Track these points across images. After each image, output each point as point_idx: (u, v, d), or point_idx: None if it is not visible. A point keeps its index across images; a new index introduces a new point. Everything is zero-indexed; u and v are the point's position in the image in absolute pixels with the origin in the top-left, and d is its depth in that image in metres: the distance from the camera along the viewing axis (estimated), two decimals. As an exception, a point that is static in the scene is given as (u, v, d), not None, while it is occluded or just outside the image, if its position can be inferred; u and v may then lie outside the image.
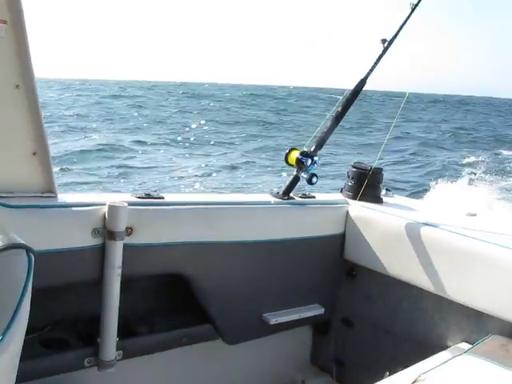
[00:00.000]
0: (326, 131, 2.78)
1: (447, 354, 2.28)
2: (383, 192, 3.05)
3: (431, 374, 1.97)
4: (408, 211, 2.85)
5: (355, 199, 2.92)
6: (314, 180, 2.67)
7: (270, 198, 2.72)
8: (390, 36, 2.78)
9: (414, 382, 1.90)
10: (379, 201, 2.96)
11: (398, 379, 1.98)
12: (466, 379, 1.98)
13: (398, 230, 2.66)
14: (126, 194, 2.37)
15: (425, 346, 2.59)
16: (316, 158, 2.71)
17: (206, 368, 2.69)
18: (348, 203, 2.91)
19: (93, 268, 2.17)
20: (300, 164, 2.70)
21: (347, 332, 2.96)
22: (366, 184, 2.89)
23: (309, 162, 2.68)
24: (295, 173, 2.75)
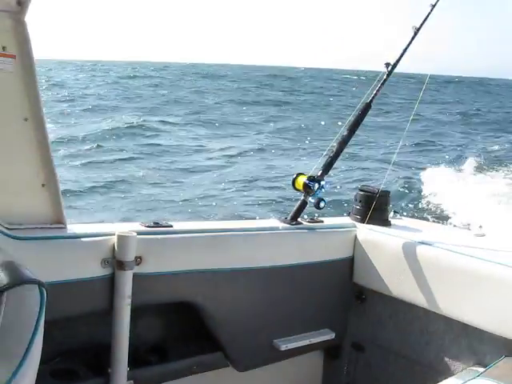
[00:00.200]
0: (332, 156, 2.79)
1: (460, 377, 2.27)
2: (391, 214, 3.04)
3: None
4: (416, 233, 2.84)
5: (363, 222, 2.92)
6: (322, 204, 2.67)
7: (278, 224, 2.72)
8: (394, 60, 2.81)
9: None
10: (387, 224, 2.95)
11: None
12: None
13: (406, 253, 2.65)
14: (135, 223, 2.38)
15: (437, 369, 2.59)
16: (323, 182, 2.71)
17: None
18: (356, 227, 2.91)
19: (103, 298, 2.17)
20: (307, 189, 2.70)
21: (358, 356, 2.94)
22: (373, 207, 2.89)
23: (316, 187, 2.68)
24: (303, 197, 2.75)
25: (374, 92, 2.81)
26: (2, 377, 1.18)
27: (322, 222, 2.88)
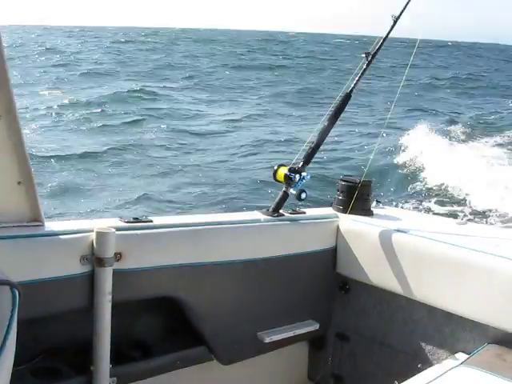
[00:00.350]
0: (313, 147, 2.77)
1: (443, 365, 2.28)
2: (373, 204, 3.03)
3: None
4: (398, 222, 2.84)
5: (345, 213, 2.91)
6: (303, 196, 2.66)
7: (260, 216, 2.71)
8: (374, 49, 2.78)
9: None
10: (369, 213, 2.95)
11: None
12: None
13: (388, 242, 2.66)
14: (114, 218, 2.36)
15: (421, 357, 2.60)
16: (304, 173, 2.70)
17: None
18: (338, 217, 2.91)
19: (82, 295, 2.16)
20: (288, 180, 2.69)
21: (343, 346, 2.95)
22: (355, 197, 2.88)
23: (297, 178, 2.68)
24: (284, 189, 2.73)
25: (354, 82, 2.79)
26: None
27: (304, 213, 2.87)
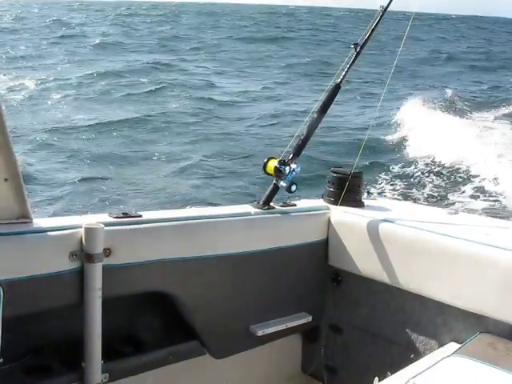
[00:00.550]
0: (302, 139, 2.76)
1: (436, 355, 2.28)
2: (365, 195, 3.02)
3: (420, 377, 1.97)
4: (389, 213, 2.84)
5: (336, 204, 2.91)
6: (293, 188, 2.66)
7: (250, 209, 2.70)
8: (362, 40, 2.76)
9: None
10: (361, 205, 2.95)
11: None
12: (456, 380, 1.98)
13: (380, 233, 2.65)
14: (103, 214, 2.35)
15: (414, 347, 2.61)
16: (294, 165, 2.69)
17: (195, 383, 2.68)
18: (329, 209, 2.90)
19: (72, 292, 2.15)
20: (279, 173, 2.68)
21: (336, 338, 2.95)
22: (346, 189, 2.88)
23: (287, 171, 2.67)
24: (274, 181, 2.73)
25: (344, 73, 2.77)
26: None
27: (295, 205, 2.86)
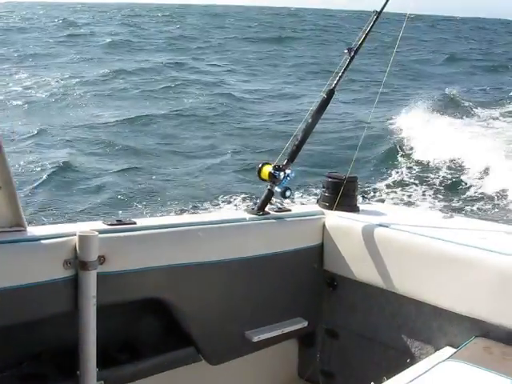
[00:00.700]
0: (297, 144, 2.76)
1: (432, 360, 2.28)
2: (360, 200, 3.02)
3: (416, 383, 1.97)
4: (384, 218, 2.84)
5: (331, 209, 2.91)
6: (288, 193, 2.66)
7: (245, 215, 2.70)
8: (356, 45, 2.76)
9: None
10: (355, 209, 2.94)
11: None
12: None
13: (374, 238, 2.66)
14: (97, 222, 2.35)
15: (410, 352, 2.61)
16: (289, 171, 2.69)
17: None
18: (324, 214, 2.90)
19: (67, 300, 2.15)
20: (273, 178, 2.69)
21: (332, 343, 2.95)
22: (341, 193, 2.88)
23: (282, 176, 2.67)
24: (269, 187, 2.73)
25: (338, 78, 2.77)
26: None
27: (290, 210, 2.86)
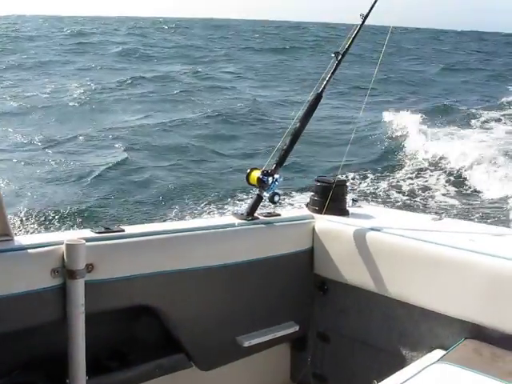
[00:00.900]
0: (285, 148, 2.77)
1: (422, 362, 2.28)
2: (350, 203, 3.02)
3: None
4: (374, 221, 2.84)
5: (321, 213, 2.91)
6: (276, 198, 2.67)
7: (234, 220, 2.70)
8: (343, 49, 2.76)
9: None
10: (345, 213, 2.94)
11: None
12: None
13: (364, 241, 2.66)
14: (85, 230, 2.35)
15: (400, 355, 2.61)
16: (277, 176, 2.70)
17: None
18: (314, 218, 2.90)
19: (55, 308, 2.15)
20: (262, 183, 2.69)
21: (324, 346, 2.95)
22: (330, 197, 2.88)
23: (270, 181, 2.68)
24: (257, 192, 2.74)
25: (325, 82, 2.78)
26: None
27: (279, 215, 2.86)
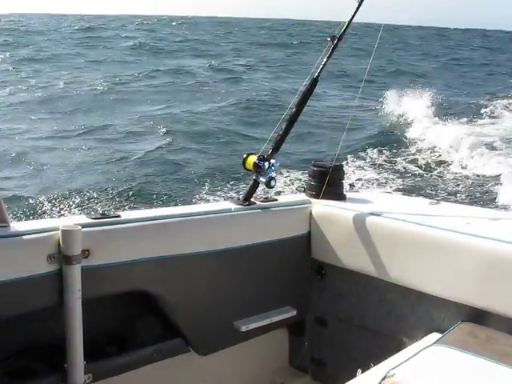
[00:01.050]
0: (281, 133, 2.76)
1: (418, 345, 2.28)
2: (347, 188, 3.02)
3: (401, 368, 1.97)
4: (371, 205, 2.84)
5: (318, 198, 2.91)
6: (273, 183, 2.67)
7: (231, 206, 2.70)
8: (339, 33, 2.74)
9: (383, 379, 1.90)
10: (342, 198, 2.94)
11: (368, 377, 1.99)
12: (435, 370, 1.98)
13: (361, 226, 2.66)
14: (81, 215, 2.36)
15: (397, 338, 2.61)
16: (273, 161, 2.70)
17: (181, 381, 2.68)
18: (311, 203, 2.90)
19: (52, 294, 2.15)
20: (258, 168, 2.69)
21: (322, 331, 2.96)
22: (327, 182, 2.88)
23: (266, 166, 2.68)
24: (254, 177, 2.74)
25: (321, 66, 2.76)
26: None
27: (276, 200, 2.86)
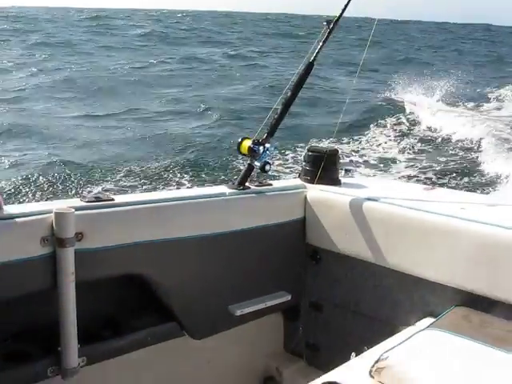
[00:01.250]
0: (276, 118, 2.74)
1: (411, 329, 2.29)
2: (342, 173, 3.02)
3: (394, 351, 1.98)
4: (366, 190, 2.84)
5: (313, 183, 2.91)
6: (267, 168, 2.67)
7: (225, 190, 2.70)
8: (335, 17, 2.72)
9: (376, 362, 1.91)
10: (337, 183, 2.94)
11: (362, 360, 2.01)
12: (428, 353, 1.99)
13: (356, 210, 2.66)
14: (75, 199, 2.35)
15: (392, 323, 2.62)
16: (268, 145, 2.69)
17: (176, 365, 2.69)
18: (306, 187, 2.90)
19: (45, 277, 2.15)
20: (253, 152, 2.68)
21: (316, 316, 2.97)
22: (322, 167, 2.88)
23: (261, 150, 2.67)
24: (248, 162, 2.73)
25: (316, 51, 2.74)
26: None
27: (271, 185, 2.86)
